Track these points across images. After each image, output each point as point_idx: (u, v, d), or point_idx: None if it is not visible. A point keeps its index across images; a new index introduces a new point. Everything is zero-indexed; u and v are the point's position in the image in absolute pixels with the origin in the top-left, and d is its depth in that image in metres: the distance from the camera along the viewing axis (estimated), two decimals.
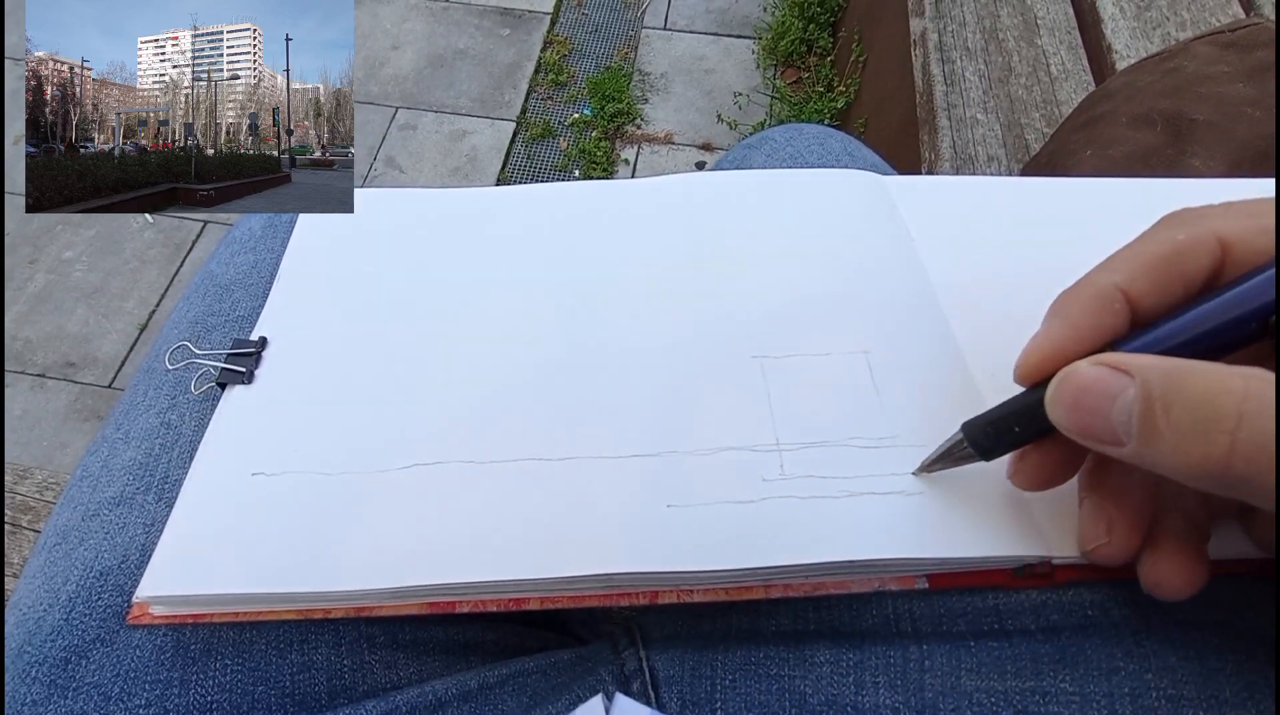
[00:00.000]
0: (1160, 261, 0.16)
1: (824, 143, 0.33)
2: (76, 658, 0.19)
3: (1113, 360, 0.14)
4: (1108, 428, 0.14)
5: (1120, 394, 0.14)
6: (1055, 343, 0.16)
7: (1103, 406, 0.14)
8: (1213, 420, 0.13)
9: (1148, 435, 0.13)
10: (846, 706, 0.19)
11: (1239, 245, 0.15)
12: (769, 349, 0.23)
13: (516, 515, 0.20)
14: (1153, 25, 0.60)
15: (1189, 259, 0.15)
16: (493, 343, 0.24)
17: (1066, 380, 0.15)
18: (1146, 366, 0.14)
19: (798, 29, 1.31)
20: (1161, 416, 0.13)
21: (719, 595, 0.19)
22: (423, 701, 0.20)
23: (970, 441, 0.18)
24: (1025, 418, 0.17)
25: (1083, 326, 0.16)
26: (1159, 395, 0.13)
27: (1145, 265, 0.16)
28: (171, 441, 0.23)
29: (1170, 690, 0.18)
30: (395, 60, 1.37)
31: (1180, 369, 0.13)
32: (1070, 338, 0.16)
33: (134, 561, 0.21)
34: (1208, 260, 0.15)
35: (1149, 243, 0.16)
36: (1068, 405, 0.15)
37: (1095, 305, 0.16)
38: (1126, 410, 0.14)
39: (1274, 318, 0.14)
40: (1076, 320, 0.16)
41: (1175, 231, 0.16)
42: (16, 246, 1.15)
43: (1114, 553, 0.16)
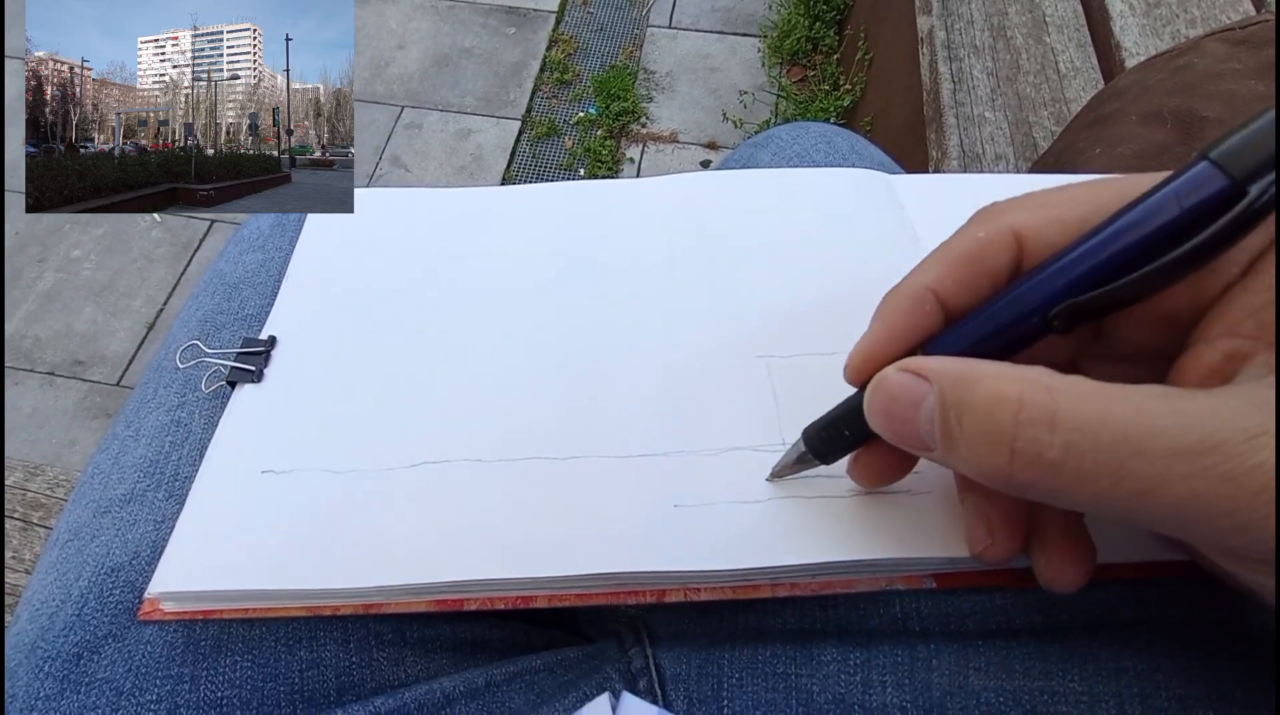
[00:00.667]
0: (965, 259, 0.16)
1: (830, 141, 0.33)
2: (89, 653, 0.19)
3: (914, 366, 0.15)
4: (916, 434, 0.14)
5: (923, 401, 0.14)
6: (873, 343, 0.17)
7: (909, 413, 0.14)
8: (994, 431, 0.13)
9: (947, 443, 0.14)
10: (854, 705, 0.19)
11: (1031, 238, 0.15)
12: (775, 348, 0.23)
13: (524, 513, 0.20)
14: (1162, 22, 0.60)
15: (990, 255, 0.16)
16: (500, 342, 0.24)
17: (878, 388, 0.15)
18: (942, 372, 0.14)
19: (803, 27, 1.31)
20: (955, 425, 0.13)
21: (725, 594, 0.19)
22: (430, 699, 0.20)
23: (808, 446, 0.18)
24: (852, 421, 0.17)
25: (895, 327, 0.16)
26: (952, 403, 0.14)
27: (952, 264, 0.16)
28: (182, 439, 0.23)
29: (1179, 690, 0.18)
30: (401, 59, 1.37)
31: (970, 375, 0.14)
32: (884, 339, 0.16)
33: (145, 558, 0.21)
34: (1007, 256, 0.16)
35: (956, 241, 0.16)
36: (881, 413, 0.15)
37: (907, 306, 0.16)
38: (929, 418, 0.14)
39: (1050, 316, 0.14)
40: (890, 321, 0.16)
41: (978, 228, 0.16)
42: (25, 245, 1.16)
43: (999, 553, 0.16)
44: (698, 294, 0.24)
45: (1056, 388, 0.13)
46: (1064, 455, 0.12)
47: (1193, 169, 0.13)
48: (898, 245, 0.25)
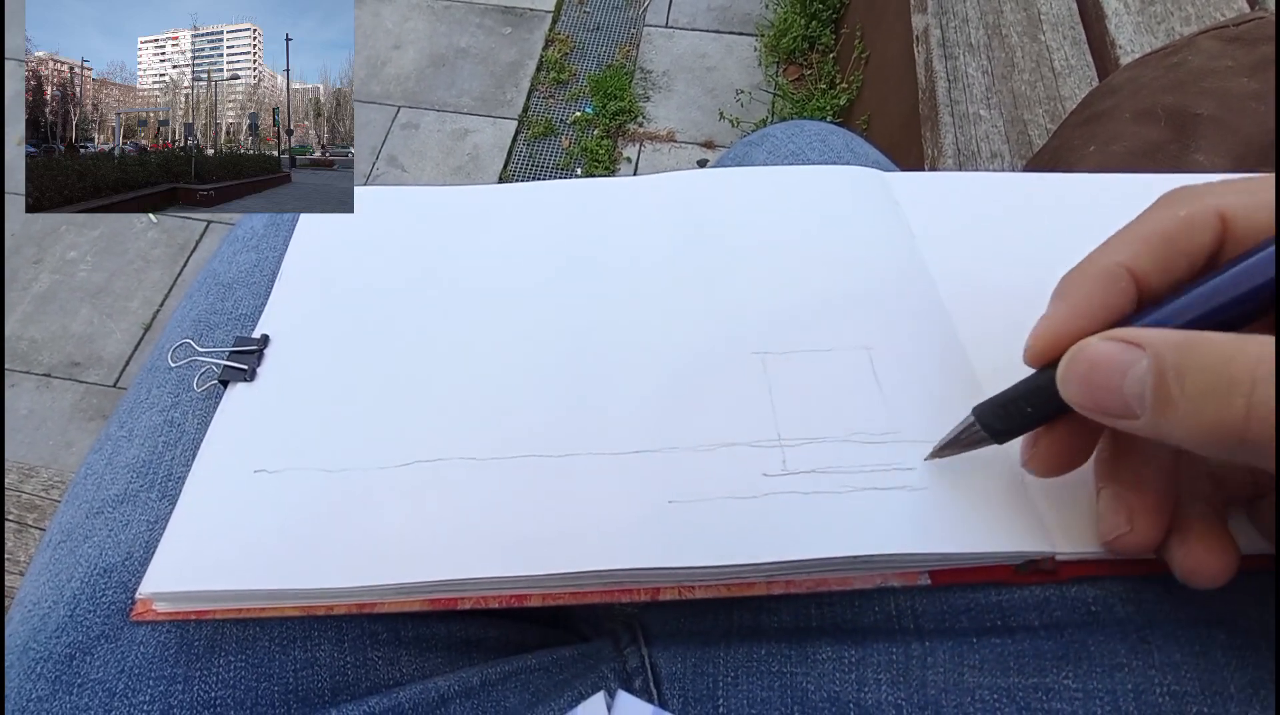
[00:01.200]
0: (1163, 238, 0.16)
1: (825, 139, 0.33)
2: (81, 654, 0.19)
3: (1124, 334, 0.14)
4: (1121, 401, 0.14)
5: (1132, 366, 0.14)
6: (1063, 323, 0.16)
7: (1115, 380, 0.14)
8: (1228, 385, 0.12)
9: (1162, 405, 0.13)
10: (849, 703, 0.19)
11: (1239, 220, 0.15)
12: (771, 345, 0.23)
13: (518, 511, 0.20)
14: (1157, 20, 0.60)
15: (1191, 235, 0.15)
16: (494, 339, 0.24)
17: (1078, 356, 0.15)
18: (1158, 339, 0.14)
19: (800, 26, 1.31)
20: (1175, 385, 0.13)
21: (720, 591, 0.19)
22: (426, 698, 0.20)
23: (982, 424, 0.18)
24: (1037, 397, 0.16)
25: (1090, 305, 0.16)
26: (1172, 364, 0.13)
27: (1148, 243, 0.16)
28: (175, 439, 0.23)
29: (1174, 686, 0.17)
30: (397, 59, 1.37)
31: (1192, 339, 0.13)
32: (1078, 317, 0.16)
33: (138, 558, 0.21)
34: (1210, 236, 0.15)
35: (1150, 221, 0.16)
36: (1080, 380, 0.15)
37: (1101, 284, 0.16)
38: (1140, 381, 0.14)
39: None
40: (1082, 300, 0.16)
41: (1176, 208, 0.16)
42: (21, 247, 1.16)
43: (1137, 542, 0.16)
44: (693, 291, 0.24)
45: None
46: None
47: None
48: (893, 242, 0.25)
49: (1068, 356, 0.15)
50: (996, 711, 0.18)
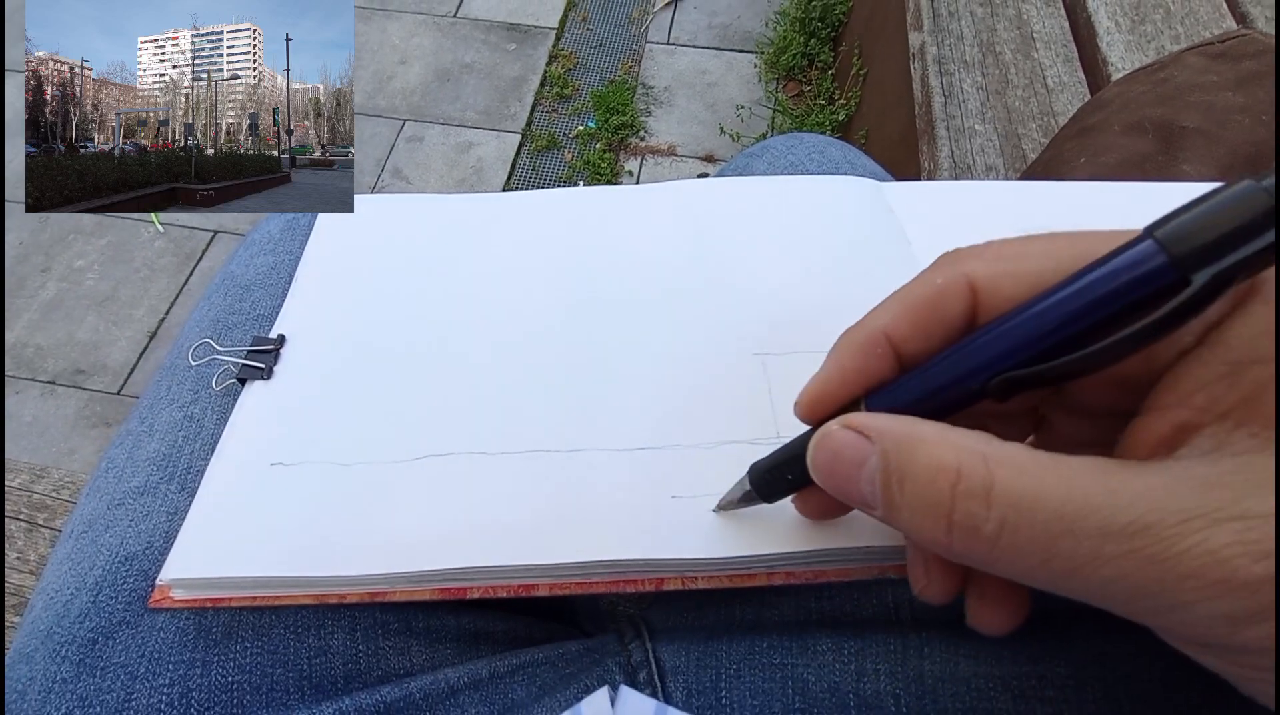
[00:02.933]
0: (921, 305, 0.16)
1: (823, 151, 0.34)
2: (103, 638, 0.20)
3: (857, 423, 0.14)
4: (860, 493, 0.14)
5: (865, 461, 0.14)
6: (824, 383, 0.16)
7: (853, 473, 0.14)
8: (934, 501, 0.13)
9: (888, 507, 0.14)
10: (848, 694, 0.19)
11: (986, 290, 0.15)
12: (771, 347, 0.23)
13: (526, 503, 0.20)
14: (1147, 39, 0.61)
15: (945, 304, 0.15)
16: (503, 339, 0.24)
17: (822, 443, 0.15)
18: (885, 432, 0.14)
19: (799, 44, 1.34)
20: (897, 491, 0.13)
21: (722, 582, 0.20)
22: (436, 689, 0.21)
23: (753, 486, 0.18)
24: (796, 468, 0.17)
25: (847, 369, 0.16)
26: (894, 467, 0.13)
27: (907, 309, 0.16)
28: (194, 434, 0.24)
29: (1164, 673, 0.18)
30: (403, 74, 1.39)
31: (912, 438, 0.13)
32: (835, 380, 0.16)
33: (158, 548, 0.21)
34: (961, 305, 0.15)
35: (915, 286, 0.16)
36: (825, 469, 0.15)
37: (860, 348, 0.16)
38: (871, 480, 0.14)
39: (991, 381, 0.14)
40: (843, 362, 0.16)
41: (936, 274, 0.16)
42: (29, 255, 1.17)
43: (935, 593, 0.16)
44: (695, 295, 0.25)
45: (994, 458, 0.13)
46: (999, 530, 0.12)
47: (1135, 248, 0.12)
48: (888, 248, 0.26)
49: (814, 442, 0.15)
50: (991, 700, 0.19)
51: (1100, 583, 0.12)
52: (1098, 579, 0.12)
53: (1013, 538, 0.12)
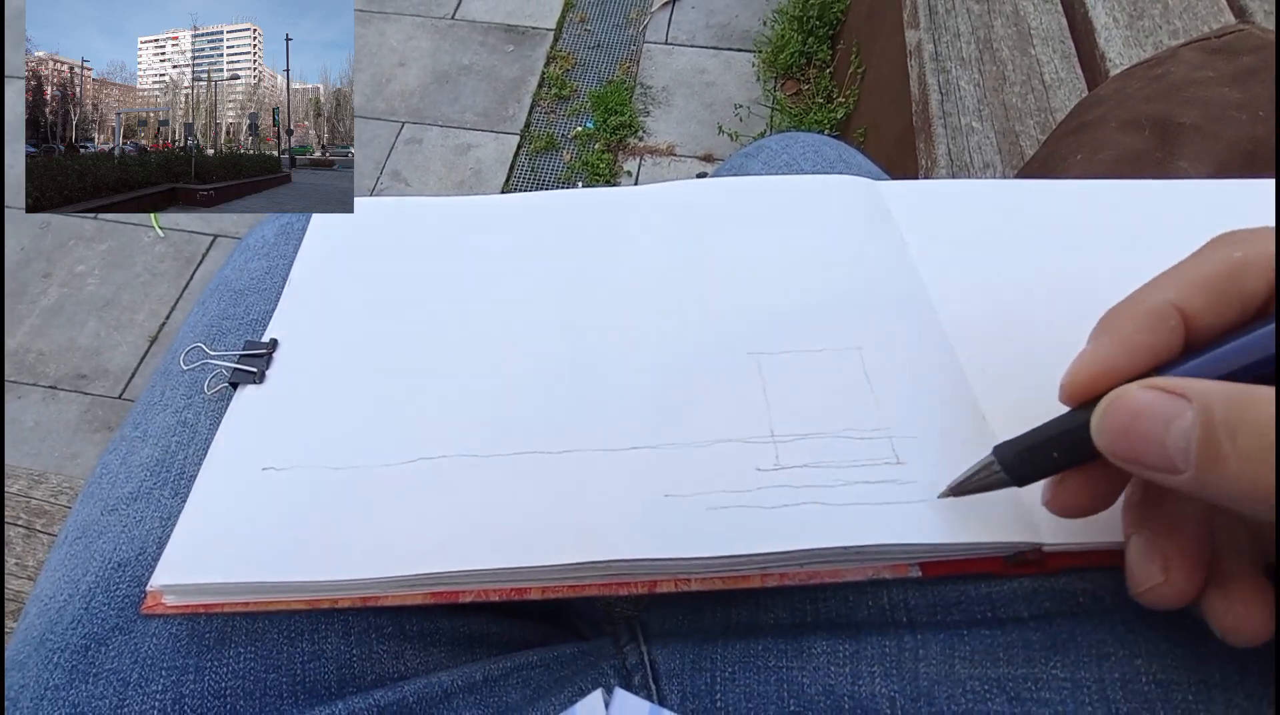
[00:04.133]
0: (1218, 280, 0.15)
1: (819, 150, 0.34)
2: (96, 645, 0.20)
3: (1167, 384, 0.13)
4: (1162, 455, 0.13)
5: (1176, 419, 0.13)
6: (1106, 360, 0.15)
7: (1156, 432, 0.13)
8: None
9: (1210, 462, 0.13)
10: (843, 696, 0.19)
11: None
12: (765, 345, 0.23)
13: (518, 505, 0.20)
14: (1145, 34, 0.61)
15: (1246, 278, 0.15)
16: (495, 340, 0.24)
17: (1115, 404, 0.14)
18: (1207, 391, 0.13)
19: (797, 42, 1.33)
20: (1226, 442, 0.12)
21: (716, 584, 0.20)
22: (430, 692, 0.21)
23: (1004, 467, 0.17)
24: (1066, 443, 0.16)
25: (1135, 344, 0.15)
26: (1222, 420, 0.12)
27: (1202, 283, 0.15)
28: (188, 439, 0.24)
29: (1160, 675, 0.18)
30: (402, 76, 1.39)
31: (1244, 394, 0.13)
32: (1121, 356, 0.15)
33: (151, 554, 0.21)
34: (1264, 282, 0.15)
35: (1204, 261, 0.15)
36: (1118, 431, 0.14)
37: (1149, 322, 0.15)
38: (1184, 436, 0.13)
39: None
40: (1129, 337, 0.15)
41: (1231, 249, 0.15)
42: (31, 261, 1.17)
43: (1173, 593, 0.15)
44: (690, 294, 0.25)
45: None
46: None
47: None
48: (883, 246, 0.26)
49: (1104, 403, 0.14)
50: (987, 702, 0.18)
51: None
52: None
53: None
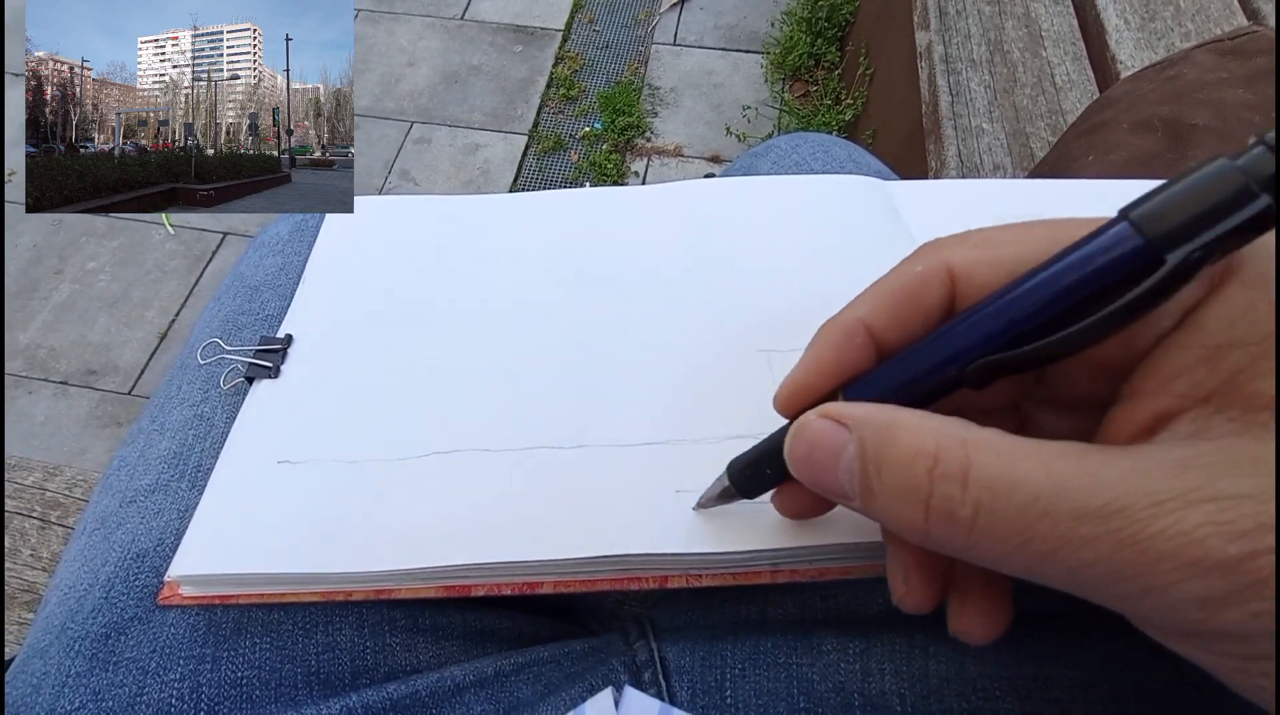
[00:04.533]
0: (900, 294, 0.15)
1: (828, 150, 0.34)
2: (116, 634, 0.20)
3: (834, 412, 0.14)
4: (837, 484, 0.14)
5: (843, 450, 0.14)
6: (803, 376, 0.16)
7: (830, 462, 0.14)
8: (911, 486, 0.13)
9: (866, 495, 0.14)
10: (853, 693, 0.19)
11: (963, 277, 0.15)
12: (776, 343, 0.23)
13: (530, 500, 0.20)
14: (1157, 36, 0.61)
15: (924, 292, 0.15)
16: (507, 337, 0.25)
17: (799, 433, 0.15)
18: (863, 421, 0.14)
19: (805, 44, 1.33)
20: (875, 478, 0.13)
21: (726, 580, 0.20)
22: (442, 686, 0.21)
23: (732, 482, 0.18)
24: (774, 462, 0.16)
25: (825, 360, 0.16)
26: (872, 456, 0.13)
27: (886, 298, 0.16)
28: (204, 432, 0.24)
29: (1172, 676, 0.18)
30: (411, 76, 1.40)
31: (890, 425, 0.13)
32: (814, 371, 0.16)
33: (169, 545, 0.22)
34: (940, 292, 0.15)
35: (894, 274, 0.16)
36: (802, 461, 0.15)
37: (838, 339, 0.16)
38: (849, 469, 0.14)
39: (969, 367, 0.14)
40: (821, 354, 0.16)
41: (916, 263, 0.16)
42: (43, 257, 1.18)
43: (915, 603, 0.16)
44: (701, 292, 0.25)
45: (971, 442, 0.12)
46: (975, 513, 0.12)
47: (1110, 230, 0.13)
48: (893, 244, 0.26)
49: (791, 432, 0.15)
50: (997, 700, 0.18)
51: (1076, 567, 0.11)
52: (1074, 562, 0.11)
53: (989, 521, 0.12)
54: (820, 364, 0.16)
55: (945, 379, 0.14)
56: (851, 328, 0.16)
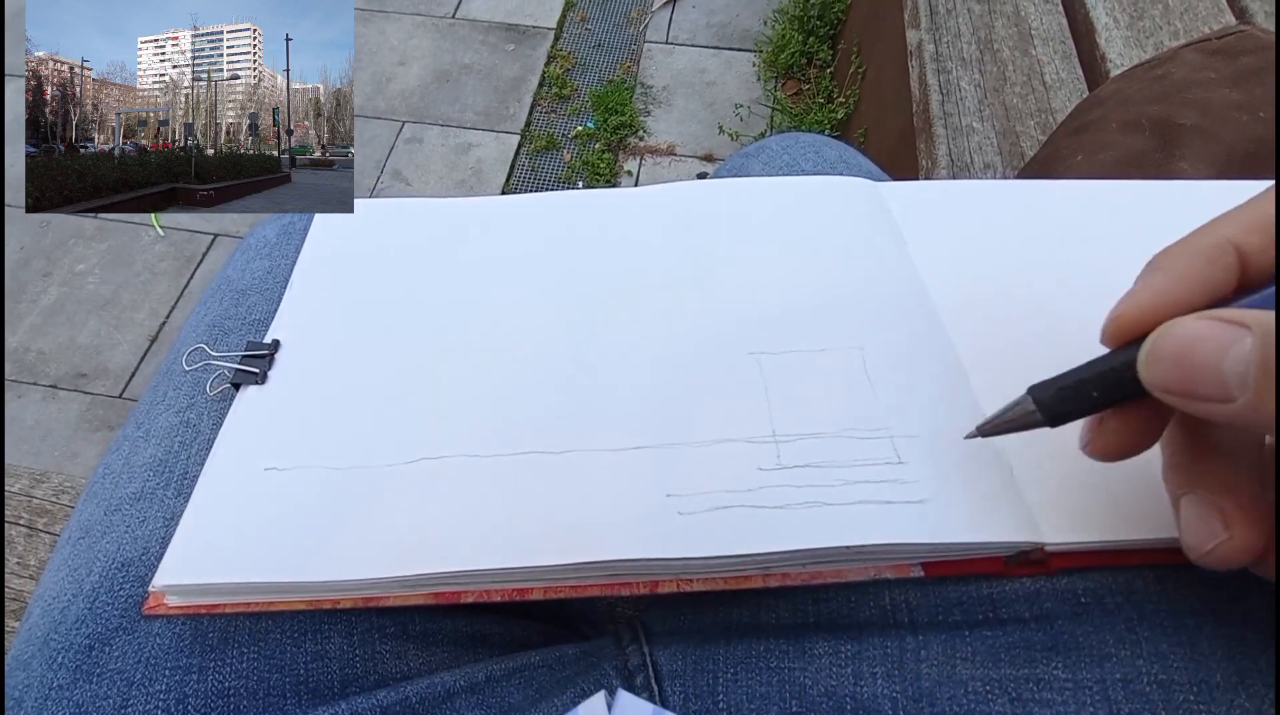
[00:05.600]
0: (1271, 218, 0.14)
1: (819, 150, 0.34)
2: (100, 645, 0.20)
3: (1225, 314, 0.13)
4: (1217, 380, 0.13)
5: (1234, 345, 0.12)
6: (1159, 295, 0.14)
7: (1213, 359, 0.13)
8: None
9: (1268, 386, 0.12)
10: (845, 697, 0.19)
11: None
12: (766, 345, 0.23)
13: (520, 506, 0.20)
14: (1145, 34, 0.61)
15: None
16: (496, 341, 0.24)
17: (1171, 331, 0.14)
18: (1267, 319, 0.12)
19: (798, 42, 1.33)
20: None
21: (718, 584, 0.20)
22: (432, 692, 0.21)
23: (1040, 407, 0.16)
24: (1108, 381, 0.15)
25: (1190, 278, 0.14)
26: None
27: (1261, 222, 0.14)
28: (190, 439, 0.24)
29: (1161, 675, 0.18)
30: (402, 76, 1.39)
31: None
32: (1176, 290, 0.14)
33: (154, 554, 0.21)
34: None
35: (1264, 203, 0.15)
36: (1172, 359, 0.13)
37: (1206, 256, 0.14)
38: (1243, 360, 0.12)
39: None
40: (1183, 271, 0.14)
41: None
42: (31, 259, 1.17)
43: (1236, 550, 0.14)
44: (691, 294, 0.25)
45: None
46: None
47: None
48: (884, 246, 0.26)
49: (1157, 333, 0.14)
50: (989, 702, 0.18)
51: None
52: None
53: None
54: (1185, 282, 0.14)
55: None
56: (1222, 247, 0.14)
